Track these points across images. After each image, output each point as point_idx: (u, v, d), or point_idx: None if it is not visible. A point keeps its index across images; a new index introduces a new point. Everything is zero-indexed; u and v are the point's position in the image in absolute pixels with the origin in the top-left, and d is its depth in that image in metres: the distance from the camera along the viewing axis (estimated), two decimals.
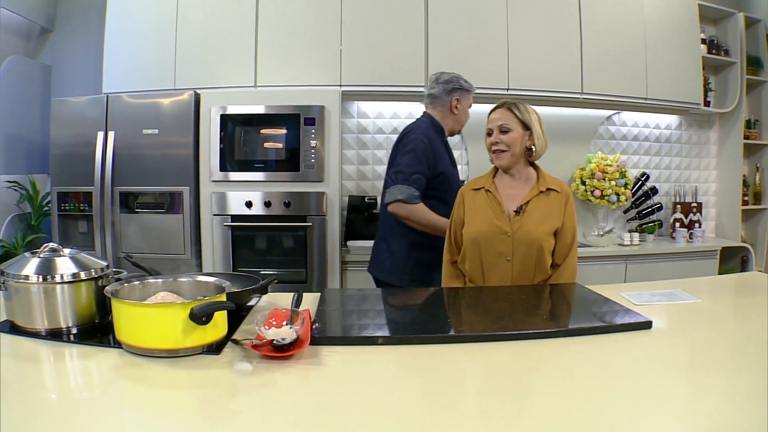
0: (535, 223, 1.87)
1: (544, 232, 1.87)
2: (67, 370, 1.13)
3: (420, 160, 2.23)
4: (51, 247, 1.30)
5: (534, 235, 1.86)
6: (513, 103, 1.94)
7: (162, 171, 2.99)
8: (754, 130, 4.12)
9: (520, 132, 1.91)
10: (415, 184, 2.20)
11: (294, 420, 0.90)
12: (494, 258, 1.89)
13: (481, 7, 3.32)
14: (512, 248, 1.87)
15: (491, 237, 1.89)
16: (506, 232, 1.87)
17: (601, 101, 3.54)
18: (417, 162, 2.22)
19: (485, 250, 1.90)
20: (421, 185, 2.22)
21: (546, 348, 1.25)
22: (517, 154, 1.92)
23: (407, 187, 2.20)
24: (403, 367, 1.18)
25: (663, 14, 3.67)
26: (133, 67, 3.21)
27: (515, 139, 1.91)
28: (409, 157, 2.24)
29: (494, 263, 1.89)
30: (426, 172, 2.24)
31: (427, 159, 2.24)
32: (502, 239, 1.87)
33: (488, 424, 0.90)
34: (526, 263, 1.87)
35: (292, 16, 3.20)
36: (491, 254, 1.89)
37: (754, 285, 2.04)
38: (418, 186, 2.21)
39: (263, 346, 1.16)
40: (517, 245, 1.86)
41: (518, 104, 1.94)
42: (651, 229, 3.80)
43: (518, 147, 1.92)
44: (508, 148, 1.91)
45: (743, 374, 1.10)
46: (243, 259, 3.06)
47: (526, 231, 1.86)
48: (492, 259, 1.89)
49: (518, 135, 1.91)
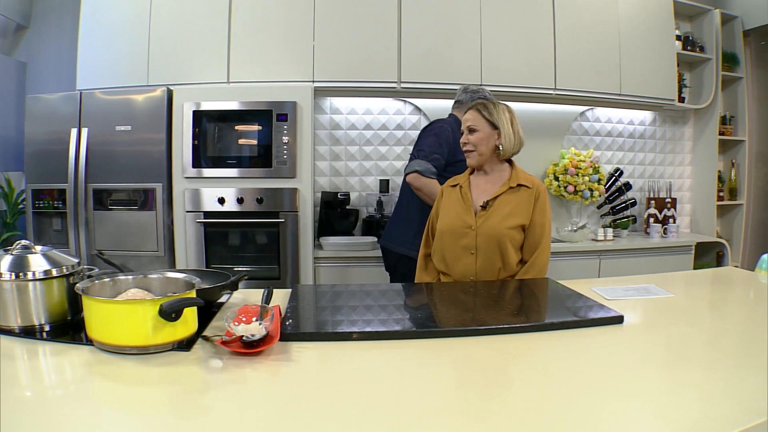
0: (500, 218, 1.91)
1: (508, 227, 1.90)
2: (41, 367, 1.13)
3: (441, 143, 2.49)
4: (23, 244, 1.31)
5: (497, 229, 1.90)
6: (483, 104, 2.00)
7: (135, 168, 2.99)
8: (729, 126, 4.16)
9: (488, 132, 1.96)
10: (434, 162, 2.44)
11: (264, 415, 0.91)
12: (459, 251, 1.95)
13: (455, 2, 3.33)
14: (476, 242, 1.92)
15: (457, 230, 1.95)
16: (470, 226, 1.93)
17: (574, 97, 3.55)
18: (438, 145, 2.48)
19: (451, 243, 1.97)
20: (439, 164, 2.45)
21: (518, 342, 1.26)
22: (486, 153, 1.98)
23: (426, 163, 2.44)
24: (375, 363, 1.18)
25: (638, 10, 3.68)
26: (106, 63, 3.21)
27: (482, 139, 1.96)
28: (432, 140, 2.51)
29: (459, 256, 1.95)
30: (445, 154, 2.48)
31: (448, 144, 2.49)
32: (466, 233, 1.93)
33: (462, 419, 0.90)
34: (489, 257, 1.91)
35: (265, 11, 3.21)
36: (456, 247, 1.95)
37: (728, 279, 2.05)
38: (436, 164, 2.44)
39: (233, 342, 1.17)
40: (480, 239, 1.91)
41: (488, 104, 1.99)
42: (625, 224, 3.83)
43: (485, 147, 1.97)
44: (475, 148, 1.98)
45: (716, 368, 1.11)
46: (216, 255, 3.07)
47: (490, 225, 1.91)
48: (457, 252, 1.95)
49: (485, 135, 1.96)
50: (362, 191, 3.61)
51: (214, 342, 1.21)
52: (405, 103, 3.60)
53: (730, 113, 4.19)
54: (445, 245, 1.98)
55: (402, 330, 1.32)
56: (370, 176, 3.62)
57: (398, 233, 2.65)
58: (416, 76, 3.27)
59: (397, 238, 2.64)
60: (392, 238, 2.68)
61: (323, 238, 3.23)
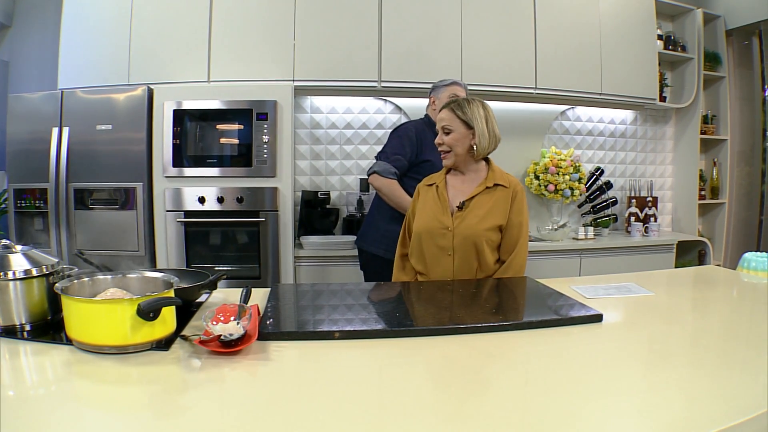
0: (476, 218, 1.91)
1: (485, 228, 1.90)
2: (23, 367, 1.13)
3: (404, 145, 2.54)
4: (4, 243, 1.32)
5: (473, 230, 1.89)
6: (457, 103, 1.97)
7: (116, 167, 2.99)
8: (711, 125, 4.19)
9: (463, 132, 1.94)
10: (395, 163, 2.51)
11: (243, 414, 0.91)
12: (436, 252, 1.94)
13: (435, 1, 3.34)
14: (452, 243, 1.91)
15: (434, 231, 1.94)
16: (447, 227, 1.92)
17: (555, 96, 3.57)
18: (401, 146, 2.54)
19: (428, 244, 1.95)
20: (400, 165, 2.51)
21: (497, 341, 1.27)
22: (461, 153, 1.96)
23: (386, 164, 2.52)
24: (353, 362, 1.18)
25: (619, 10, 3.70)
26: (88, 62, 3.21)
27: (457, 140, 1.94)
28: (395, 141, 2.58)
29: (436, 257, 1.94)
30: (408, 155, 2.53)
31: (411, 145, 2.54)
32: (443, 234, 1.92)
33: (441, 417, 0.90)
34: (466, 258, 1.91)
35: (245, 10, 3.21)
36: (433, 248, 1.94)
37: (709, 278, 2.05)
38: (397, 165, 2.50)
39: (211, 341, 1.17)
40: (457, 240, 1.90)
41: (462, 104, 1.96)
42: (606, 223, 3.86)
43: (460, 147, 1.95)
44: (450, 149, 1.96)
45: (697, 367, 1.11)
46: (197, 255, 3.08)
47: (466, 226, 1.90)
48: (434, 253, 1.94)
49: (460, 135, 1.94)
50: (342, 190, 3.63)
51: (192, 341, 1.21)
52: (385, 102, 3.61)
53: (712, 112, 4.22)
54: (422, 246, 1.97)
55: (381, 329, 1.32)
56: (351, 175, 3.63)
57: (369, 232, 2.71)
58: (397, 75, 3.28)
59: (368, 237, 2.70)
60: (364, 237, 2.74)
61: (303, 238, 3.25)
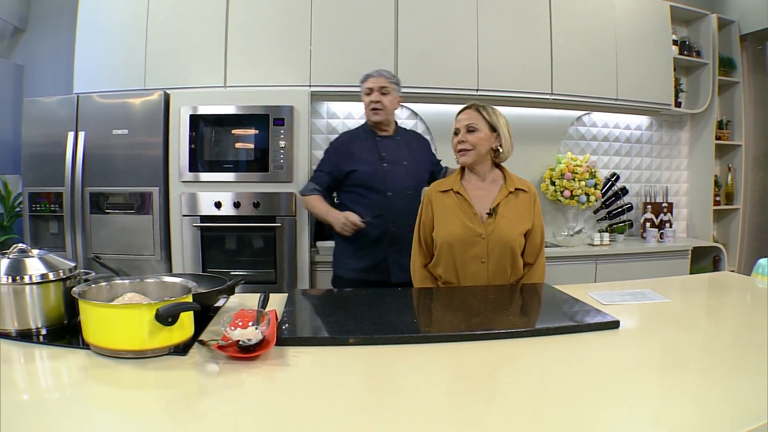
0: (509, 224, 1.90)
1: (518, 233, 1.90)
2: (38, 370, 1.14)
3: (325, 160, 2.62)
4: (20, 248, 1.31)
5: (508, 236, 1.88)
6: (482, 106, 1.97)
7: (132, 171, 2.99)
8: (726, 130, 4.17)
9: (487, 133, 1.93)
10: (315, 180, 2.62)
11: (260, 420, 0.91)
12: (469, 260, 1.90)
13: (451, 7, 3.34)
14: (487, 250, 1.88)
15: (466, 240, 1.89)
16: (480, 235, 1.88)
17: (571, 102, 3.56)
18: (323, 163, 2.64)
19: (460, 253, 1.91)
20: (321, 181, 2.59)
21: (514, 347, 1.27)
22: (483, 153, 1.94)
23: (308, 182, 2.67)
24: (372, 368, 1.18)
25: (634, 15, 3.69)
26: (103, 67, 3.21)
27: (482, 139, 1.93)
28: (322, 157, 2.66)
29: (469, 265, 1.90)
30: (331, 170, 2.58)
31: (331, 160, 2.59)
32: (477, 242, 1.89)
33: (457, 423, 0.90)
34: (500, 264, 1.89)
35: (262, 16, 3.21)
36: (466, 257, 1.90)
37: (725, 284, 2.05)
38: (317, 182, 2.60)
39: (229, 346, 1.17)
40: (492, 247, 1.88)
41: (486, 107, 1.97)
42: (621, 229, 3.84)
43: (484, 147, 1.94)
44: (474, 148, 1.93)
45: (712, 373, 1.11)
46: (213, 259, 3.07)
47: (500, 233, 1.88)
48: (467, 262, 1.90)
49: (485, 136, 1.93)
50: None
51: (210, 346, 1.21)
52: (401, 108, 3.60)
53: (727, 118, 4.20)
54: (454, 255, 1.91)
55: (398, 335, 1.31)
56: None
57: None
58: (413, 80, 3.26)
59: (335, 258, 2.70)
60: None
61: (320, 243, 3.23)
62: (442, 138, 3.52)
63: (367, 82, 2.55)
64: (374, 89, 2.51)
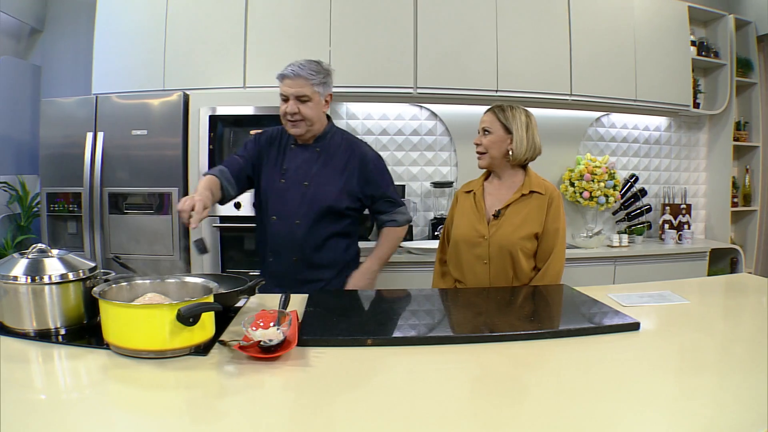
0: (512, 227, 1.90)
1: (520, 237, 1.89)
2: (56, 371, 1.13)
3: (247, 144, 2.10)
4: (39, 248, 1.31)
5: (509, 239, 1.88)
6: (500, 106, 1.97)
7: (151, 172, 2.99)
8: (744, 131, 4.14)
9: (501, 135, 1.93)
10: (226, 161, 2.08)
11: (281, 421, 0.91)
12: (473, 261, 1.94)
13: (471, 8, 3.32)
14: (488, 252, 1.91)
15: (470, 240, 1.94)
16: (483, 236, 1.92)
17: (590, 103, 3.54)
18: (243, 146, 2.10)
19: (464, 252, 1.96)
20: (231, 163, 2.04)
21: (534, 349, 1.26)
22: (496, 156, 1.95)
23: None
24: (391, 369, 1.18)
25: (652, 16, 3.67)
26: (122, 67, 3.21)
27: (493, 142, 1.94)
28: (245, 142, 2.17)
29: (473, 265, 1.94)
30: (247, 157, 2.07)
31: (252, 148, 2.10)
32: (479, 242, 1.92)
33: (478, 425, 0.90)
34: (501, 267, 1.91)
35: (281, 17, 3.20)
36: (470, 257, 1.95)
37: (743, 286, 2.05)
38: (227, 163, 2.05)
39: (250, 347, 1.16)
40: (492, 249, 1.90)
41: (505, 108, 1.96)
42: (640, 230, 3.82)
43: (496, 150, 1.94)
44: (487, 151, 1.95)
45: (731, 375, 1.11)
46: (232, 260, 3.06)
47: (502, 235, 1.90)
48: (471, 261, 1.95)
49: (497, 138, 1.93)
50: None
51: (231, 347, 1.21)
52: (421, 109, 3.59)
53: (745, 119, 4.17)
54: (460, 254, 1.98)
55: (418, 336, 1.31)
56: None
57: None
58: (432, 81, 3.25)
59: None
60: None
61: None
62: (462, 139, 3.52)
63: (282, 85, 1.96)
64: (290, 97, 1.93)
